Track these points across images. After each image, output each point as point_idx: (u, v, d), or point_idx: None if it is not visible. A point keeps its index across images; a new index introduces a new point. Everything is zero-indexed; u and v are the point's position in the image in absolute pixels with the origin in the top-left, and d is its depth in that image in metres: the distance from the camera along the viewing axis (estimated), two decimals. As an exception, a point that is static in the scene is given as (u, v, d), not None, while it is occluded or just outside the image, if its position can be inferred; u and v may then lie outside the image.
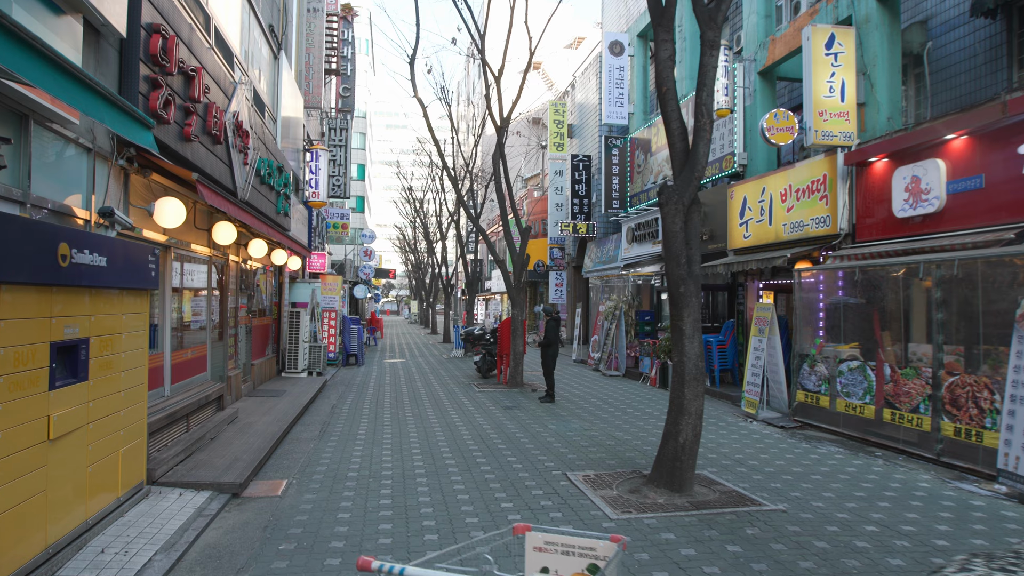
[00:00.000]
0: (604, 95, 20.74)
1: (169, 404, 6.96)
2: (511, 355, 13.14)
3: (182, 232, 7.74)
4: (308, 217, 18.28)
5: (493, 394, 12.34)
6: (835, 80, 10.66)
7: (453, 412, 10.33)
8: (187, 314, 8.24)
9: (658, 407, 11.08)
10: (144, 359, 5.44)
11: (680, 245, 5.79)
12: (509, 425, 9.18)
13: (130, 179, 6.06)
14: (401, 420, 9.63)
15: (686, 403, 5.78)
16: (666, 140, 6.03)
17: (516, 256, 13.24)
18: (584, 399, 11.91)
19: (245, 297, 11.39)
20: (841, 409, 9.09)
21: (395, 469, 6.72)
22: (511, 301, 13.23)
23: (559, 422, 9.43)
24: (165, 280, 7.29)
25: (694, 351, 5.81)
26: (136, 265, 5.04)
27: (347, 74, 28.95)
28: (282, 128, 14.51)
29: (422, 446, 7.85)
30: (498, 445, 7.87)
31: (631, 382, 15.01)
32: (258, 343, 12.46)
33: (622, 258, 20.13)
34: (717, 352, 12.81)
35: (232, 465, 6.37)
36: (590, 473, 6.52)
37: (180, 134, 6.80)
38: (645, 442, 8.16)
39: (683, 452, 5.73)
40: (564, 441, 8.12)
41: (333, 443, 8.04)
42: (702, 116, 5.75)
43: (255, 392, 11.41)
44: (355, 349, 18.27)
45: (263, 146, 11.40)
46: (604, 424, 9.33)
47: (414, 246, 44.55)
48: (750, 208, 12.94)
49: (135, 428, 5.23)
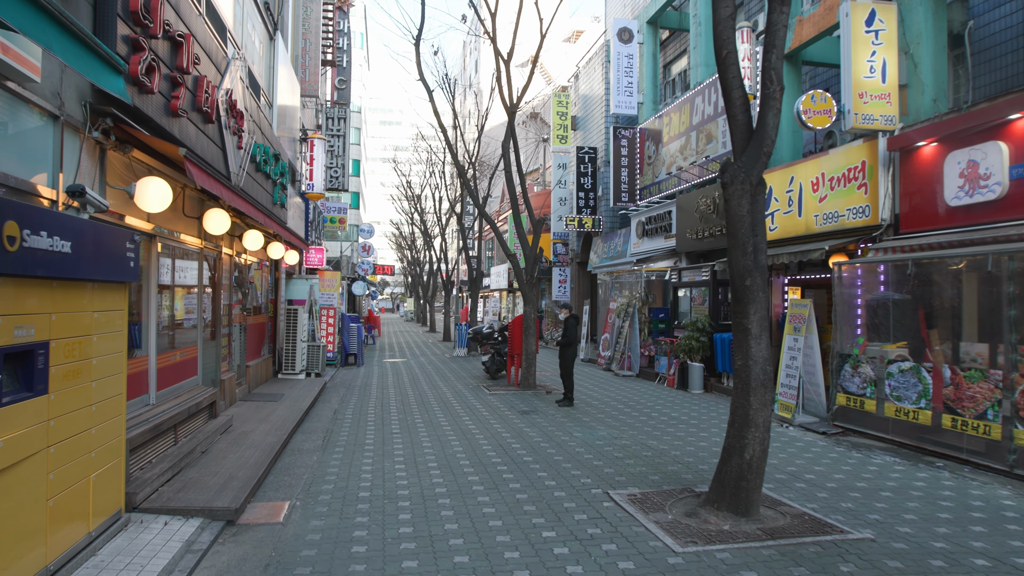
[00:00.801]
0: (612, 84, 19.97)
1: (154, 414, 6.14)
2: (523, 355, 12.35)
3: (169, 220, 6.91)
4: (305, 210, 17.43)
5: (506, 397, 11.55)
6: (876, 59, 9.92)
7: (466, 417, 9.53)
8: (176, 312, 7.42)
9: (684, 411, 10.33)
10: (122, 365, 4.62)
11: (746, 231, 5.01)
12: (530, 432, 8.40)
13: (107, 155, 5.23)
14: (411, 427, 8.83)
15: (752, 414, 5.01)
16: (726, 112, 5.25)
17: (528, 249, 12.44)
18: (603, 402, 11.14)
19: (239, 293, 10.56)
20: (890, 414, 8.35)
21: (412, 488, 5.92)
22: (523, 297, 12.44)
23: (584, 429, 8.66)
24: (149, 273, 6.46)
25: (761, 353, 5.03)
26: (111, 253, 4.22)
27: (343, 66, 28.15)
28: (278, 116, 13.66)
29: (438, 458, 7.05)
30: (523, 457, 7.08)
31: (647, 383, 14.26)
32: (253, 343, 11.63)
33: (631, 253, 19.37)
34: (742, 351, 12.06)
35: (226, 484, 5.55)
36: (635, 492, 5.74)
37: (166, 107, 5.98)
38: (684, 452, 7.39)
39: (749, 470, 4.96)
40: (595, 452, 7.34)
41: (339, 455, 7.23)
42: (771, 82, 4.97)
43: (251, 396, 10.58)
44: (354, 349, 17.44)
45: (258, 131, 10.56)
46: (633, 431, 8.56)
47: (411, 242, 43.66)
48: (776, 199, 12.20)
49: (111, 447, 4.41)
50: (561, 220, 23.88)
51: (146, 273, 6.43)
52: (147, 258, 6.45)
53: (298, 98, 17.32)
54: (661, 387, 13.54)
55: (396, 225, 46.73)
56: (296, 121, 16.88)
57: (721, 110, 14.73)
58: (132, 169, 5.78)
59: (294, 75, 16.30)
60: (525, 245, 12.53)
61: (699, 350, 12.93)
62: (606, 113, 23.64)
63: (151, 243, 6.50)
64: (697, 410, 10.46)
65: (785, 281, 13.00)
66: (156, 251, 6.56)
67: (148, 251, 6.47)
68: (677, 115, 17.03)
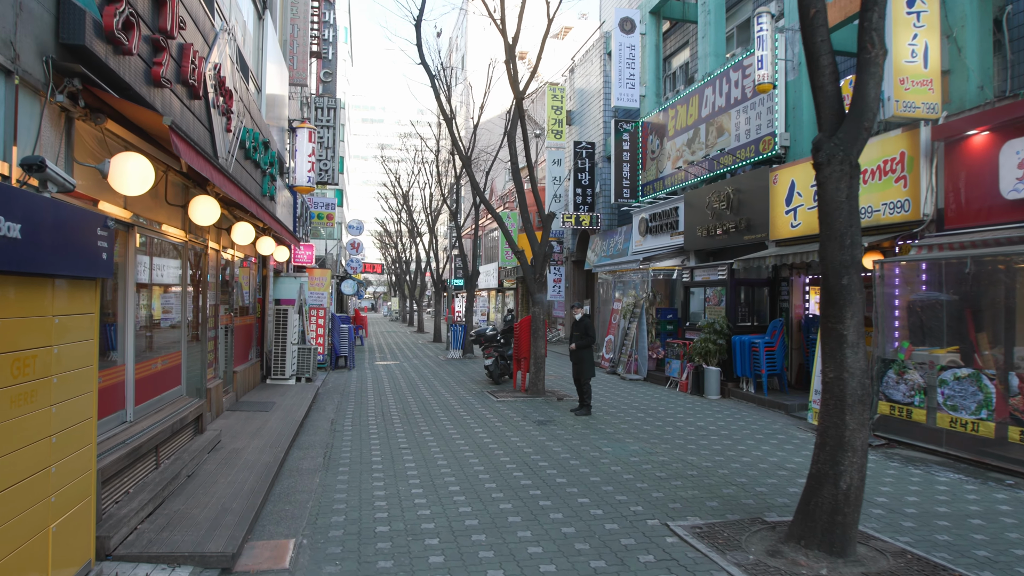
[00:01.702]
0: (614, 76, 19.24)
1: (132, 434, 5.23)
2: (531, 358, 11.54)
3: (150, 208, 6.00)
4: (293, 204, 16.45)
5: (515, 404, 10.73)
6: (917, 43, 9.26)
7: (478, 428, 8.70)
8: (156, 312, 6.50)
9: (709, 419, 9.59)
10: (92, 381, 3.74)
11: (844, 221, 4.25)
12: (554, 447, 7.59)
13: (75, 126, 4.33)
14: (420, 441, 7.98)
15: (848, 435, 4.25)
16: (810, 83, 4.49)
17: (537, 246, 11.63)
18: (619, 409, 10.37)
19: (226, 292, 9.63)
20: (944, 425, 7.68)
21: (437, 520, 5.08)
22: (531, 296, 11.63)
23: (612, 443, 7.87)
24: (127, 268, 5.55)
25: (859, 365, 4.28)
26: (78, 242, 3.34)
27: (328, 58, 27.23)
28: (267, 104, 12.72)
29: (459, 480, 6.21)
30: (555, 478, 6.27)
31: (657, 387, 13.54)
32: (241, 346, 10.69)
33: (634, 251, 18.66)
34: (765, 355, 11.38)
35: (219, 519, 4.67)
36: (698, 523, 4.96)
37: (147, 74, 5.07)
38: (732, 471, 6.63)
39: (846, 503, 4.20)
40: (633, 471, 6.55)
41: (344, 476, 6.36)
42: (872, 45, 4.21)
43: (239, 405, 9.64)
44: (345, 351, 16.50)
45: (248, 115, 9.63)
46: (666, 445, 7.79)
47: (396, 240, 42.64)
48: (799, 193, 11.53)
49: (77, 487, 3.52)
50: (556, 217, 23.09)
51: (123, 269, 5.52)
52: (124, 251, 5.54)
53: (287, 86, 16.35)
54: (673, 392, 12.82)
55: (381, 223, 45.64)
56: (284, 110, 15.92)
57: (734, 101, 14.05)
58: (106, 145, 4.87)
59: (283, 61, 15.34)
60: (533, 241, 11.72)
61: (716, 353, 12.23)
62: (604, 107, 22.92)
63: (129, 234, 5.59)
64: (722, 418, 9.74)
65: (806, 281, 12.35)
66: (135, 243, 5.64)
67: (126, 243, 5.56)
68: (684, 108, 16.34)
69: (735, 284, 12.62)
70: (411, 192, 34.39)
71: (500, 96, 32.71)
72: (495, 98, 30.11)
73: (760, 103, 13.24)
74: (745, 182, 13.20)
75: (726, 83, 14.51)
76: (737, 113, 13.99)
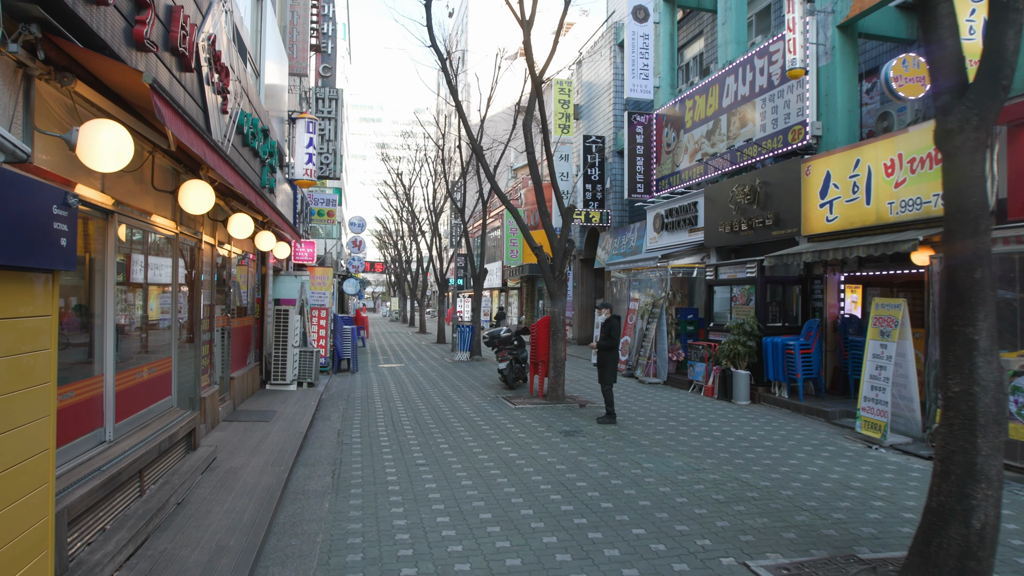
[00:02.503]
0: (627, 66, 18.48)
1: (111, 458, 4.45)
2: (550, 362, 10.76)
3: (134, 194, 5.22)
4: (293, 199, 15.66)
5: (535, 412, 9.95)
6: (975, 19, 8.52)
7: (500, 440, 7.91)
8: (144, 314, 5.71)
9: (746, 428, 8.82)
10: (47, 403, 2.94)
11: (979, 202, 3.49)
12: (588, 463, 6.81)
13: (35, 85, 3.54)
14: (438, 456, 7.19)
15: (981, 463, 3.48)
16: (925, 38, 3.72)
17: (556, 240, 10.85)
18: (647, 417, 9.60)
19: (222, 291, 8.84)
20: (1020, 437, 6.92)
21: (473, 559, 4.30)
22: (550, 295, 10.86)
23: (651, 457, 7.09)
24: (106, 262, 4.77)
25: (992, 376, 3.51)
26: (22, 221, 2.56)
27: (327, 52, 26.54)
28: (266, 92, 11.93)
29: (490, 505, 5.43)
30: (599, 502, 5.49)
31: (679, 392, 12.78)
32: (239, 349, 9.90)
33: (648, 249, 17.91)
34: (800, 358, 10.62)
35: (213, 563, 3.89)
36: (781, 561, 4.19)
37: (128, 34, 4.29)
38: (797, 492, 5.86)
39: (980, 544, 3.44)
40: (685, 492, 5.78)
41: (357, 501, 5.58)
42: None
43: (237, 415, 8.85)
44: (348, 353, 15.71)
45: (246, 98, 8.85)
46: (711, 460, 7.02)
47: (397, 238, 41.80)
48: (836, 185, 10.77)
49: (27, 541, 2.74)
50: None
51: (101, 263, 4.74)
52: (103, 243, 4.76)
53: (286, 76, 15.57)
54: (698, 397, 12.06)
55: (381, 222, 44.81)
56: (284, 101, 15.15)
57: (759, 89, 13.30)
58: (78, 115, 4.08)
59: (282, 48, 14.56)
60: (552, 236, 10.94)
61: (746, 356, 11.47)
62: (615, 100, 22.17)
63: (108, 222, 4.80)
64: (760, 427, 8.97)
65: (841, 279, 11.59)
66: (115, 233, 4.85)
67: (104, 233, 4.77)
68: (703, 98, 15.58)
69: (765, 282, 11.86)
70: (412, 192, 33.61)
71: (504, 92, 31.93)
72: (498, 93, 29.30)
73: (789, 90, 12.48)
74: (772, 174, 12.45)
75: (750, 71, 13.75)
76: (763, 102, 13.24)
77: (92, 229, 4.61)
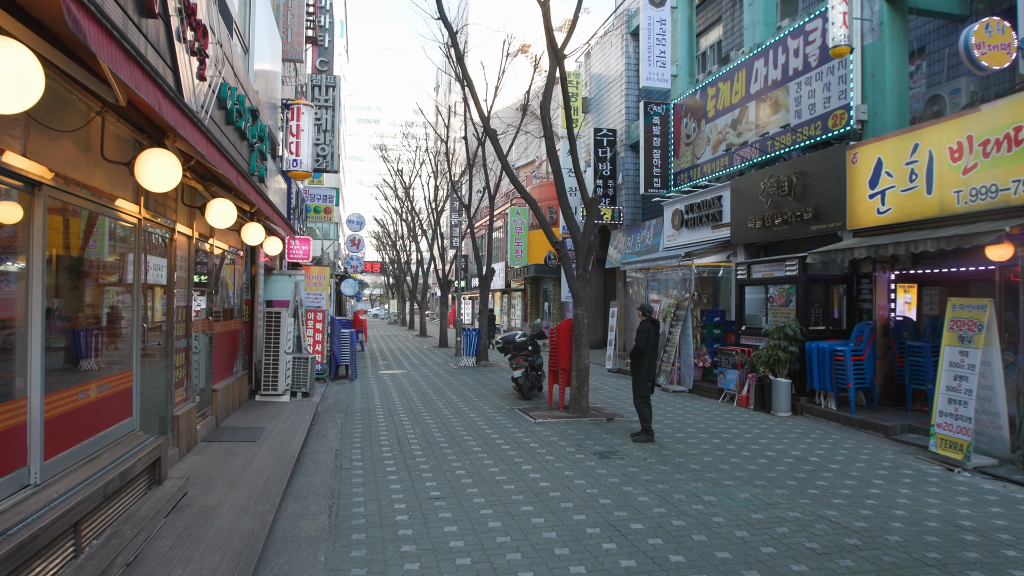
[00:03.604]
0: (643, 53, 17.37)
1: (34, 510, 3.31)
2: (573, 370, 9.63)
3: (76, 163, 4.09)
4: (287, 193, 14.54)
5: (559, 427, 8.81)
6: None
7: (526, 465, 6.77)
8: (98, 317, 4.59)
9: (801, 445, 7.71)
10: None
11: None
12: (637, 495, 5.68)
13: None
14: (454, 485, 6.06)
15: None
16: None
17: (580, 235, 9.73)
18: (685, 433, 8.49)
19: (203, 290, 7.71)
20: None
21: (519, 648, 3.17)
22: (573, 296, 9.73)
23: (708, 486, 5.97)
24: (31, 250, 3.64)
25: None
26: None
27: (324, 46, 25.49)
28: (257, 76, 10.83)
29: (530, 560, 4.29)
30: (666, 554, 4.35)
31: (708, 401, 11.69)
32: (223, 357, 8.76)
33: (665, 247, 16.80)
34: (852, 365, 9.51)
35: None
36: (943, 656, 3.08)
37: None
38: (900, 533, 4.74)
39: None
40: (767, 537, 4.66)
41: (361, 552, 4.44)
42: None
43: (219, 433, 7.70)
44: (347, 359, 14.56)
45: (231, 69, 7.74)
46: (781, 489, 5.90)
47: (395, 239, 40.67)
48: (889, 173, 9.68)
49: None
50: (575, 212, 21.20)
51: (27, 249, 3.61)
52: (27, 224, 3.63)
53: (279, 60, 14.47)
54: (731, 407, 10.96)
55: (380, 223, 43.66)
56: (277, 89, 14.05)
57: (794, 72, 12.22)
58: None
59: (275, 27, 13.45)
60: (575, 230, 9.81)
61: (787, 363, 10.37)
62: (627, 91, 21.09)
63: (35, 198, 3.67)
64: (815, 444, 7.86)
65: (891, 277, 10.49)
66: (44, 212, 3.72)
67: (29, 212, 3.65)
68: (727, 85, 14.51)
69: (807, 281, 10.75)
70: (412, 192, 32.50)
71: (506, 90, 30.86)
72: (500, 92, 28.26)
73: (828, 72, 11.40)
74: (811, 164, 11.36)
75: (782, 53, 12.67)
76: (798, 86, 12.16)
77: (11, 208, 3.49)
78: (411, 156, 31.07)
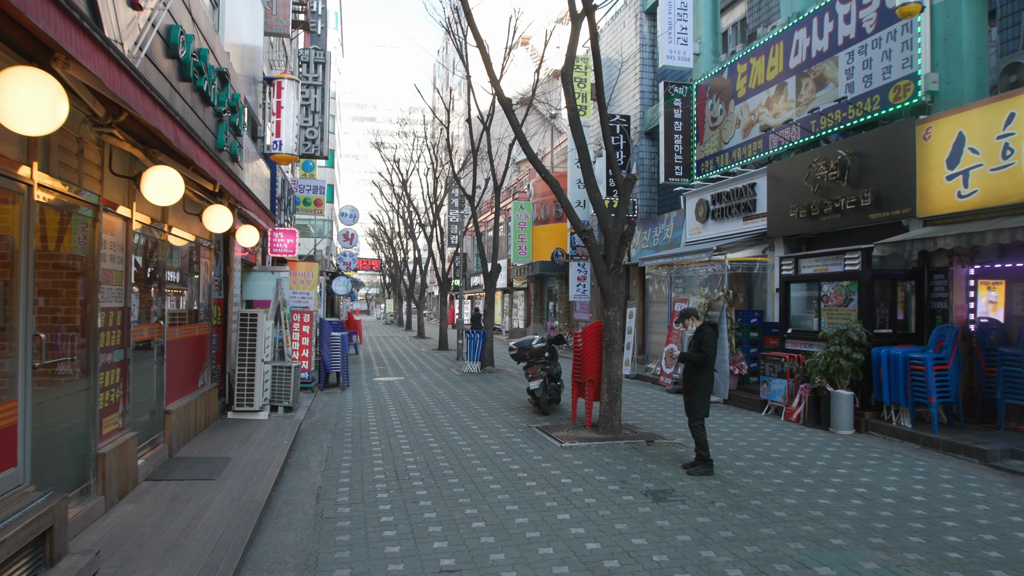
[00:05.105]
0: (662, 31, 15.86)
1: None
2: (604, 382, 8.11)
3: None
4: (271, 180, 13.00)
5: (591, 454, 7.26)
6: None
7: (563, 514, 5.23)
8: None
9: (889, 477, 6.19)
10: None
11: None
12: (725, 568, 4.16)
13: None
14: (475, 552, 4.52)
15: None
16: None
17: (611, 225, 8.20)
18: (742, 459, 6.98)
19: (152, 288, 6.16)
20: None
21: None
22: (603, 294, 8.21)
23: (814, 549, 4.45)
24: None
25: None
26: None
27: (316, 33, 23.96)
28: (230, 40, 9.31)
29: None
30: None
31: (751, 415, 10.21)
32: (182, 369, 7.21)
33: (688, 241, 15.31)
34: (934, 376, 8.02)
35: None
36: None
37: None
38: None
39: None
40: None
41: None
42: None
43: (169, 467, 6.14)
44: (338, 365, 13.02)
45: (187, 13, 6.20)
46: (912, 553, 4.38)
47: (392, 237, 39.10)
48: (974, 150, 8.21)
49: None
50: (582, 205, 19.74)
51: None
52: None
53: (261, 30, 12.93)
54: (778, 422, 9.49)
55: (377, 220, 42.06)
56: (258, 64, 12.53)
57: (844, 41, 10.74)
58: None
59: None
60: (604, 217, 8.29)
61: (849, 372, 8.89)
62: (642, 74, 19.58)
63: None
64: (907, 475, 6.34)
65: (971, 272, 9.00)
66: None
67: None
68: (761, 60, 13.02)
69: (872, 277, 9.26)
70: (409, 187, 30.95)
71: (507, 88, 29.35)
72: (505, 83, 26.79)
73: (889, 38, 9.92)
74: (869, 143, 9.88)
75: (829, 20, 11.19)
76: (849, 56, 10.67)
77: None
78: (408, 150, 29.54)
